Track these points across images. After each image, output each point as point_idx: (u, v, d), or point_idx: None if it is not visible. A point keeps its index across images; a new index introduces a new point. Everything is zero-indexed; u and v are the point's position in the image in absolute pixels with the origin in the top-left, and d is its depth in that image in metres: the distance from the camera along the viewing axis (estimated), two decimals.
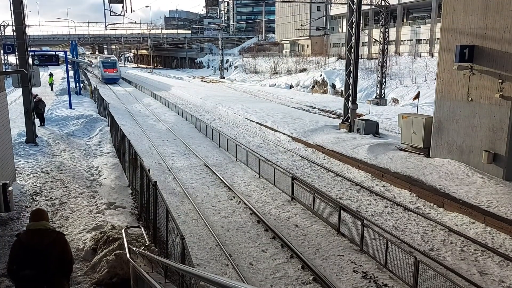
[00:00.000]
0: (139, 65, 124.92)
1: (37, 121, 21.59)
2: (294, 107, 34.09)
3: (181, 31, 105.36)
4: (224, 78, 76.69)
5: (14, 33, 18.62)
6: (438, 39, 17.50)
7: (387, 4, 33.99)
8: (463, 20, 14.23)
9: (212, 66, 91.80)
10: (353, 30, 21.12)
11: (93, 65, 77.00)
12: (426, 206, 12.33)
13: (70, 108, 28.02)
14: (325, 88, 47.54)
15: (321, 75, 49.42)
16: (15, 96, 31.83)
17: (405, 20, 61.01)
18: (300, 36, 75.77)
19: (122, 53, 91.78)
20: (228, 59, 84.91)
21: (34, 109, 22.59)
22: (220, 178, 15.18)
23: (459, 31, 14.40)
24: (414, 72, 37.40)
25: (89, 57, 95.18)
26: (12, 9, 17.88)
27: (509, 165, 13.04)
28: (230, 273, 8.83)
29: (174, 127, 26.79)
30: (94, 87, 39.47)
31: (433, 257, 9.31)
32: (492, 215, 10.87)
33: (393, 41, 53.91)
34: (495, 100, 13.20)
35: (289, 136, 21.98)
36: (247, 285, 2.00)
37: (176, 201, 12.98)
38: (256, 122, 26.33)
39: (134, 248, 7.55)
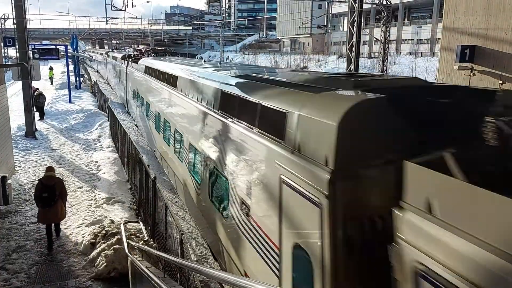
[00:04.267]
0: None
1: (36, 114, 21.59)
2: None
3: (182, 27, 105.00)
4: None
5: (15, 26, 18.58)
6: (439, 39, 17.49)
7: (388, 3, 33.92)
8: (465, 20, 14.23)
9: None
10: (354, 28, 21.09)
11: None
12: None
13: (70, 102, 27.98)
14: None
15: None
16: (14, 90, 31.77)
17: (406, 19, 60.96)
18: (301, 34, 75.71)
19: (123, 48, 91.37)
20: (228, 56, 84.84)
21: (34, 102, 22.59)
22: None
23: (460, 31, 14.40)
24: (415, 71, 37.44)
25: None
26: (13, 2, 17.85)
27: None
28: None
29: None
30: (94, 81, 39.34)
31: None
32: None
33: (394, 40, 53.89)
34: None
35: None
36: (246, 278, 2.00)
37: (174, 197, 12.98)
38: None
39: (132, 243, 7.57)
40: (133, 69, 20.83)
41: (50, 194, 8.53)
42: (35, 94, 22.76)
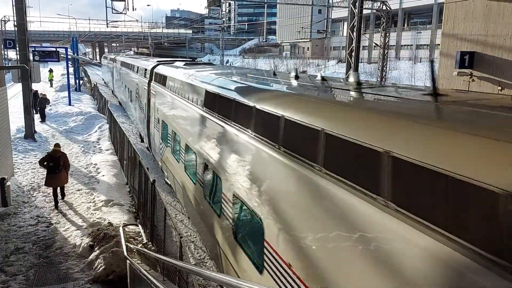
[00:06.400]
0: None
1: (37, 116, 21.61)
2: None
3: (182, 31, 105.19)
4: None
5: (16, 28, 18.61)
6: (438, 44, 17.58)
7: (388, 8, 34.05)
8: (464, 26, 14.29)
9: None
10: (354, 33, 21.17)
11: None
12: None
13: (70, 104, 27.97)
14: None
15: None
16: (13, 92, 31.75)
17: (406, 25, 61.19)
18: (301, 39, 75.96)
19: (123, 51, 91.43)
20: (228, 60, 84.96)
21: (39, 104, 22.63)
22: None
23: (459, 37, 14.45)
24: (414, 77, 37.55)
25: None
26: (14, 4, 17.89)
27: None
28: None
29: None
30: (94, 84, 39.34)
31: None
32: None
33: (394, 45, 54.07)
34: None
35: None
36: (247, 281, 2.01)
37: (173, 200, 12.97)
38: None
39: (131, 246, 7.56)
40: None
41: (56, 164, 10.79)
42: (39, 97, 22.82)
